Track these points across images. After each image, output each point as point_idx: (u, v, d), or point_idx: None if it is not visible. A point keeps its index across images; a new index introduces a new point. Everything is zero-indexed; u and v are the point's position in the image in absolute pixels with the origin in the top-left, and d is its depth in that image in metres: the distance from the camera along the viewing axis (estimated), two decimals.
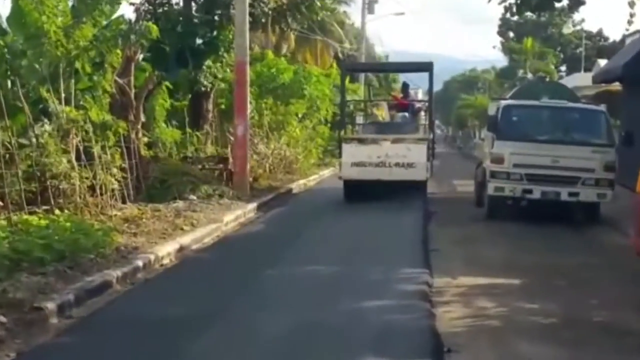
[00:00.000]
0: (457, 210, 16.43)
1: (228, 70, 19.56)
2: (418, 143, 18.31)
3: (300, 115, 25.53)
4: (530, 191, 14.30)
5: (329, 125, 33.82)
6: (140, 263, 9.36)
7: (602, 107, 15.37)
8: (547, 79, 18.70)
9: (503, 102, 15.62)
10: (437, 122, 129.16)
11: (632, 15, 13.89)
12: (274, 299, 7.93)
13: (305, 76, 24.11)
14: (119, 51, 13.99)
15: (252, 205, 15.69)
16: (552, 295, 8.44)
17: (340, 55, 49.02)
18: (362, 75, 46.15)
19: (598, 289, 8.93)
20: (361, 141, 18.45)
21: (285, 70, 23.82)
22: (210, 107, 20.30)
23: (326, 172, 27.90)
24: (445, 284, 8.90)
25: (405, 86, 24.40)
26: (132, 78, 15.42)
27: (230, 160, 17.84)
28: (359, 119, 27.81)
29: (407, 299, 7.98)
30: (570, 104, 15.23)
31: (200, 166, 17.74)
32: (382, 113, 23.13)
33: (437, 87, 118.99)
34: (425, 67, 20.34)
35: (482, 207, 15.74)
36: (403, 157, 17.70)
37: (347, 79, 40.09)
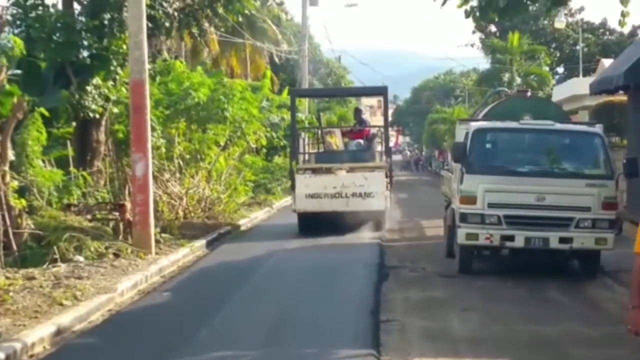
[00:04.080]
0: (423, 263, 16.61)
1: (124, 89, 19.54)
2: (375, 171, 21.40)
3: (223, 143, 25.60)
4: (511, 238, 14.52)
5: (262, 153, 34.09)
6: (1, 355, 9.26)
7: (598, 128, 15.68)
8: (529, 94, 19.04)
9: (473, 125, 15.84)
10: (407, 139, 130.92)
11: None
12: None
13: (225, 93, 24.18)
14: None
15: (157, 267, 15.63)
16: None
17: (276, 59, 49.38)
18: (305, 81, 46.68)
19: None
20: (315, 171, 21.40)
21: (201, 85, 23.88)
22: (102, 137, 20.23)
23: (260, 214, 28.02)
24: None
25: (357, 112, 27.08)
26: None
27: (129, 207, 17.75)
28: (306, 146, 28.97)
29: None
30: (558, 126, 15.55)
31: (89, 216, 17.61)
32: (336, 140, 25.06)
33: (405, 94, 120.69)
34: (379, 91, 24.47)
35: (453, 258, 15.94)
36: (360, 186, 20.89)
37: (286, 93, 40.75)
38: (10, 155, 15.73)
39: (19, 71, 18.16)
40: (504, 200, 14.57)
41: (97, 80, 19.17)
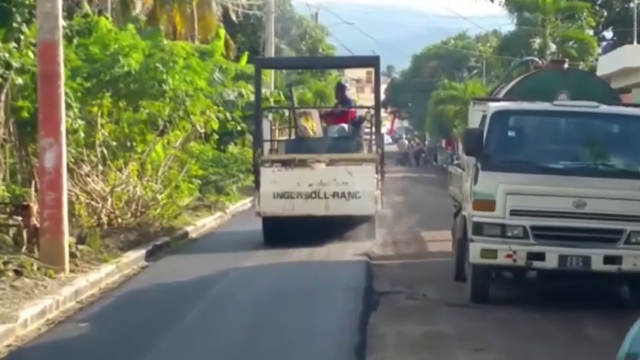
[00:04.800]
0: (423, 288, 16.66)
1: (30, 53, 19.51)
2: (362, 165, 21.77)
3: (160, 126, 25.58)
4: (540, 256, 14.53)
5: (213, 140, 34.07)
6: None
7: None
8: (566, 65, 19.12)
9: (492, 106, 15.85)
10: (405, 124, 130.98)
11: None
12: None
13: (164, 59, 24.17)
14: None
15: (72, 289, 15.63)
16: None
17: (232, 16, 49.38)
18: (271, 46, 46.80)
19: None
20: (286, 164, 21.83)
21: (132, 48, 23.86)
22: (1, 116, 20.19)
23: (209, 221, 28.09)
24: None
25: (340, 88, 26.90)
26: None
27: (35, 209, 17.74)
28: (273, 132, 29.17)
29: None
30: (604, 108, 15.54)
31: None
32: (312, 125, 25.05)
33: (403, 64, 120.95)
34: (369, 60, 25.29)
35: (464, 281, 15.98)
36: (343, 184, 21.18)
37: (245, 60, 40.82)
38: None
39: None
40: (531, 206, 14.60)
41: None
